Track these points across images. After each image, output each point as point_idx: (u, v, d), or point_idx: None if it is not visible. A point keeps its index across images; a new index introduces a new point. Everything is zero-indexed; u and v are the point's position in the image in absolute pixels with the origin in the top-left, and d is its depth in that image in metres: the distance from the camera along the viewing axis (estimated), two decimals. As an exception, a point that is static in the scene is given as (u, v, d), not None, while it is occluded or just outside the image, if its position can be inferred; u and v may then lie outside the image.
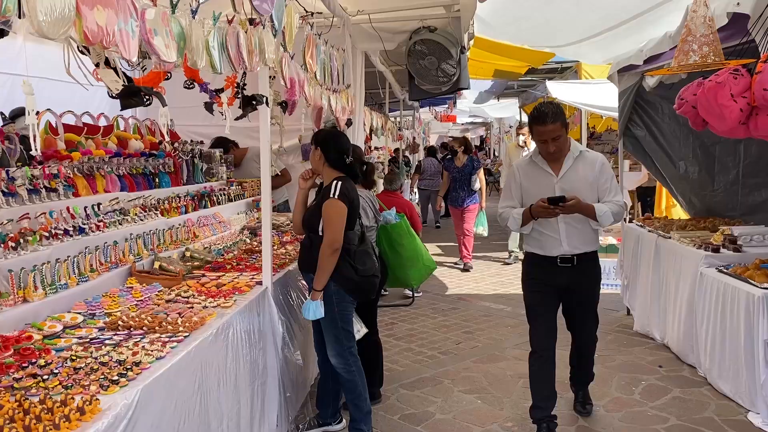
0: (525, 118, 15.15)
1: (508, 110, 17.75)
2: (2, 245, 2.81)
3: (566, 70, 11.83)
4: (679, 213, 7.36)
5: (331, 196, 3.51)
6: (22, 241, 2.92)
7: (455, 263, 9.56)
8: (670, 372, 4.92)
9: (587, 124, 11.14)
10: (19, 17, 1.63)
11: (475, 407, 4.38)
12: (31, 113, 1.78)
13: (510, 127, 20.60)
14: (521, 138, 9.59)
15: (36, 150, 1.89)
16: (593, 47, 6.40)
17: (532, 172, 3.79)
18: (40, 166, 3.46)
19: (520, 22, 6.24)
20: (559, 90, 9.65)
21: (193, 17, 2.56)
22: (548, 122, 3.57)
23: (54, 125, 3.99)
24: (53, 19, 1.71)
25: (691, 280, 4.79)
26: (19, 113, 3.76)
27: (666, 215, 7.56)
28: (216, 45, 2.75)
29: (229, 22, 2.93)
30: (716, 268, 4.54)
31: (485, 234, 9.41)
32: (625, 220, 7.06)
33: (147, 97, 2.82)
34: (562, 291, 3.84)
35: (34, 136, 1.99)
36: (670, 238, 5.39)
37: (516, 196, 3.82)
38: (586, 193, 3.64)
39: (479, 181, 9.27)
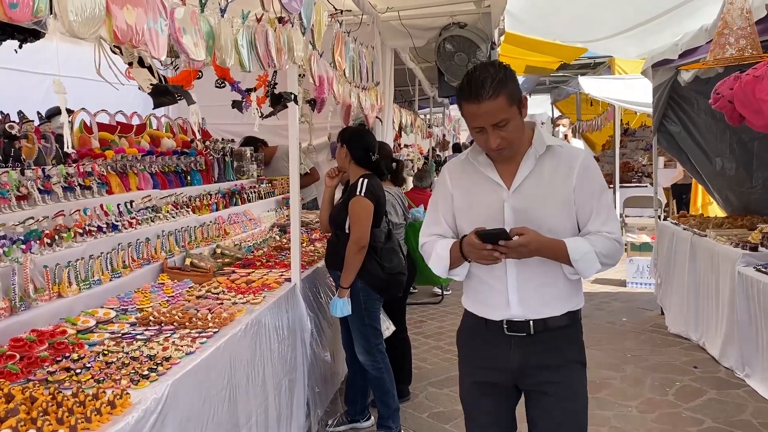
0: (558, 114, 15.03)
1: (541, 106, 17.58)
2: (38, 242, 2.88)
3: (599, 66, 11.66)
4: (716, 210, 7.19)
5: (358, 193, 3.51)
6: (57, 237, 2.99)
7: None
8: (705, 373, 4.81)
9: (621, 120, 11.00)
10: (52, 15, 1.66)
11: (504, 406, 4.34)
12: (63, 112, 1.81)
13: (542, 123, 20.40)
14: (561, 130, 8.48)
15: (69, 147, 1.92)
16: (626, 42, 6.29)
17: (470, 181, 2.27)
18: (74, 165, 3.53)
19: (551, 16, 6.16)
20: (592, 85, 9.54)
21: (222, 16, 2.58)
22: (484, 97, 2.02)
23: (88, 124, 4.07)
24: (84, 19, 1.74)
25: (729, 280, 4.67)
26: (55, 112, 3.84)
27: (702, 213, 7.39)
28: (245, 43, 2.77)
29: (258, 20, 2.95)
30: (754, 267, 4.42)
31: None
32: (659, 217, 6.94)
33: (178, 95, 2.85)
34: (515, 380, 2.29)
35: (69, 134, 2.03)
36: (705, 236, 5.27)
37: (445, 218, 2.33)
38: (554, 216, 2.16)
39: None
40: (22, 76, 4.13)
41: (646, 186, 10.07)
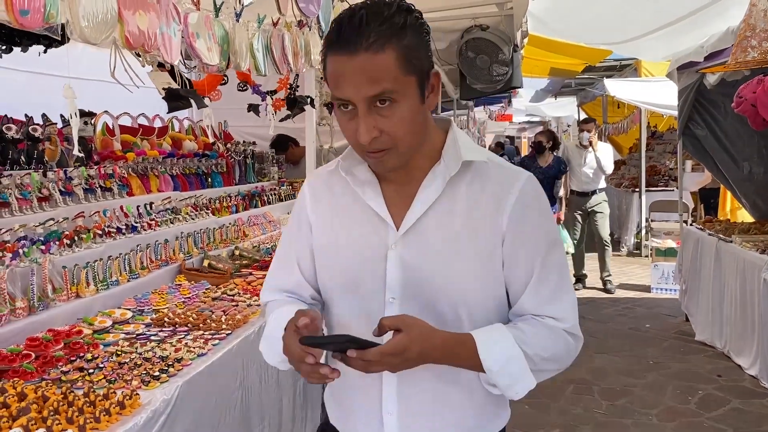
0: (584, 116, 14.87)
1: (566, 109, 17.41)
2: (57, 242, 2.93)
3: (625, 68, 11.50)
4: (745, 216, 7.04)
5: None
6: (76, 238, 3.04)
7: None
8: (729, 382, 4.71)
9: (648, 123, 10.84)
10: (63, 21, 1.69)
11: (522, 412, 4.30)
12: (73, 116, 1.84)
13: (568, 126, 20.21)
14: (585, 135, 7.46)
15: (78, 151, 1.96)
16: (652, 44, 6.19)
17: (340, 207, 1.44)
18: (96, 167, 3.59)
19: (574, 18, 6.10)
20: (617, 88, 9.42)
21: (237, 20, 2.61)
22: (360, 45, 1.18)
23: (111, 126, 4.13)
24: (95, 24, 1.77)
25: (755, 287, 4.57)
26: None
27: (729, 218, 7.24)
28: (260, 47, 2.79)
29: (274, 24, 2.97)
30: (781, 275, 4.31)
31: (571, 250, 7.63)
32: (685, 222, 6.82)
33: (191, 99, 2.89)
34: None
35: (78, 138, 2.07)
36: (731, 242, 5.16)
37: (300, 263, 1.51)
38: (465, 280, 1.33)
39: (561, 187, 7.60)
40: (47, 79, 4.21)
41: (673, 190, 9.89)
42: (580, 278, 7.81)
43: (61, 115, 4.18)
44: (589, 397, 4.50)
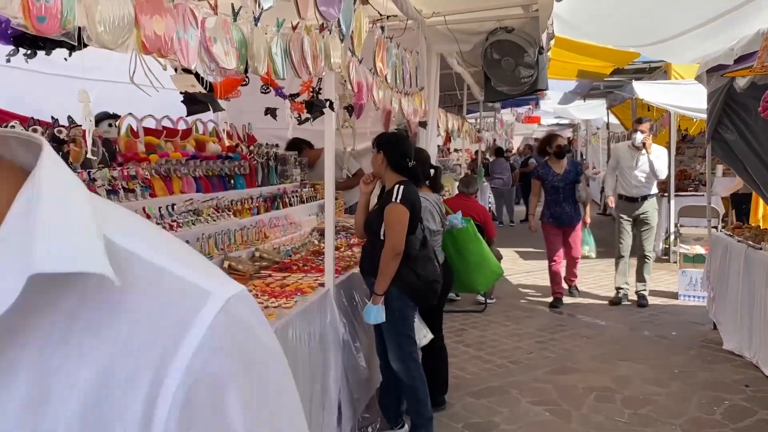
0: (613, 119, 14.67)
1: (595, 111, 17.20)
2: (79, 243, 2.97)
3: (655, 71, 11.33)
4: (778, 222, 6.89)
5: (393, 200, 3.50)
6: (98, 239, 3.08)
7: (549, 302, 7.28)
8: (757, 392, 4.59)
9: (678, 126, 10.65)
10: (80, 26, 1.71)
11: (542, 419, 4.25)
12: (85, 119, 1.87)
13: (597, 129, 19.96)
14: (639, 136, 7.01)
15: (90, 153, 1.98)
16: (681, 46, 6.08)
17: None
18: (119, 168, 3.65)
19: (601, 20, 6.02)
20: (646, 90, 9.28)
21: (256, 25, 2.62)
22: None
23: (135, 129, 4.19)
24: (112, 29, 1.78)
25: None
26: (102, 117, 3.98)
27: (762, 224, 7.08)
28: (279, 51, 2.79)
29: (294, 28, 2.98)
30: (811, 284, 4.20)
31: (593, 255, 7.54)
32: (715, 228, 6.68)
33: (210, 103, 2.91)
34: None
35: (103, 140, 2.09)
36: (761, 249, 5.04)
37: None
38: None
39: (584, 190, 7.20)
40: (72, 82, 4.29)
41: (703, 195, 9.70)
42: (619, 290, 7.23)
43: (86, 118, 4.26)
44: (611, 406, 4.43)
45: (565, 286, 7.39)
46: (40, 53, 2.12)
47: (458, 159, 13.13)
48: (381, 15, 4.45)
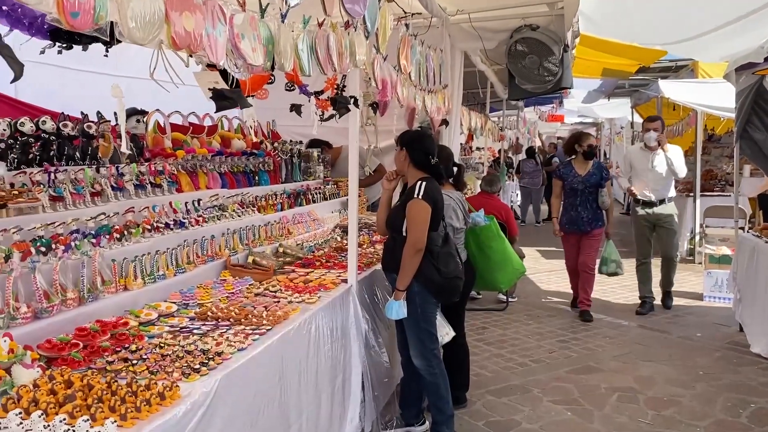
0: (638, 118, 14.48)
1: (620, 110, 17.01)
2: (108, 236, 3.03)
3: (681, 69, 11.18)
4: (807, 223, 6.75)
5: (416, 196, 3.50)
6: (126, 233, 3.14)
7: (573, 311, 6.97)
8: (784, 396, 4.53)
9: (704, 126, 10.50)
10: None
11: (563, 419, 4.23)
12: (119, 114, 1.90)
13: (621, 128, 19.73)
14: (652, 135, 6.67)
15: (126, 148, 2.02)
16: (708, 44, 5.99)
17: None
18: (147, 163, 3.70)
19: (627, 18, 5.95)
20: (672, 89, 9.18)
21: (282, 21, 2.64)
22: None
23: (162, 125, 4.24)
24: (143, 25, 1.82)
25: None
26: (130, 113, 4.03)
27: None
28: (305, 48, 2.81)
29: (320, 25, 2.99)
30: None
31: (621, 272, 6.87)
32: (742, 228, 6.58)
33: (236, 98, 2.94)
34: None
35: (131, 135, 2.13)
36: (789, 250, 4.96)
37: None
38: None
39: (608, 196, 6.66)
40: (102, 78, 4.36)
41: (729, 195, 9.56)
42: (645, 300, 6.91)
43: (115, 113, 4.33)
44: (634, 406, 4.39)
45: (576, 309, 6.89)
46: (77, 48, 2.17)
47: (480, 157, 13.08)
48: (405, 12, 4.45)
